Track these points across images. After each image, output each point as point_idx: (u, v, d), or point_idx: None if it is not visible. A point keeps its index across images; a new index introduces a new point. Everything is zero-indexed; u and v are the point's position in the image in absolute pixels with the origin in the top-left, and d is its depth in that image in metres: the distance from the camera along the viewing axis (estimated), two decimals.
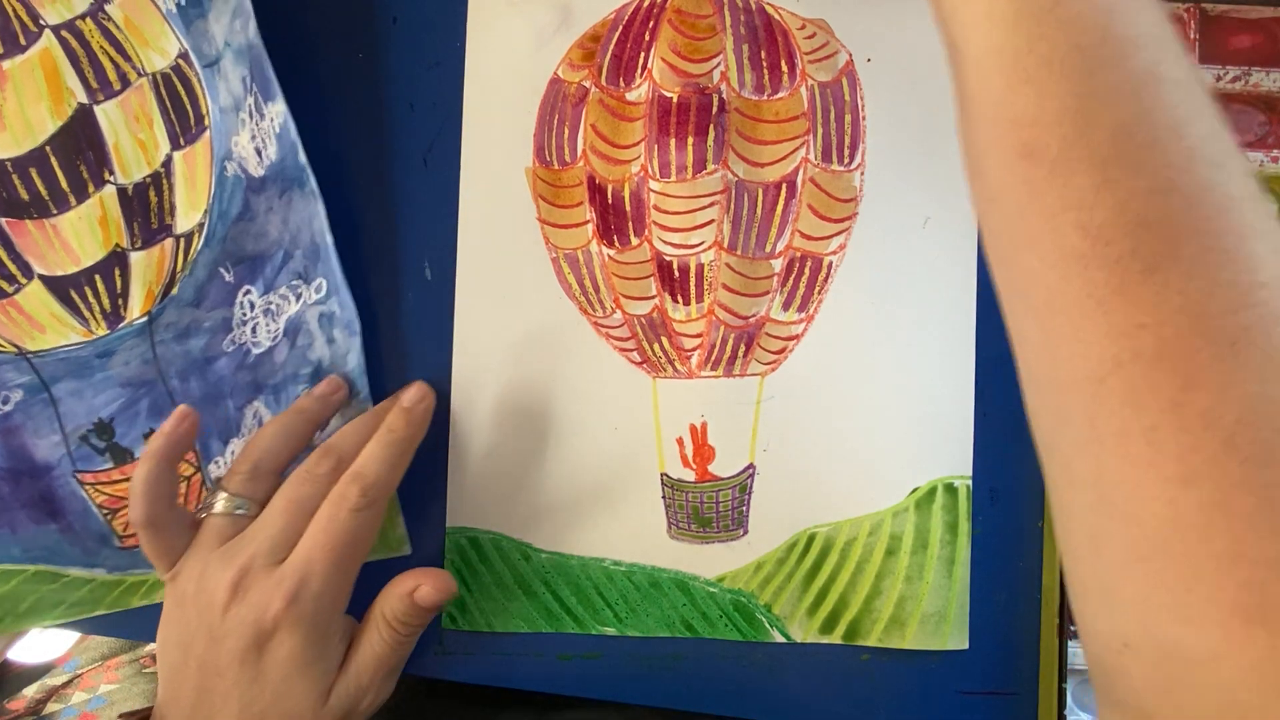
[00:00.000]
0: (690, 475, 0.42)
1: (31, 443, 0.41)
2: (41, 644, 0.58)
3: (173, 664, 0.35)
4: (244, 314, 0.40)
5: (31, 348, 0.40)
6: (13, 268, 0.39)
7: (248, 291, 0.40)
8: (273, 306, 0.40)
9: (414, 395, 0.39)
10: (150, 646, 0.57)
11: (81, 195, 0.38)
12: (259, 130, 0.38)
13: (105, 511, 0.42)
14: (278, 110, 0.38)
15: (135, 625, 0.43)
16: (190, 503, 0.42)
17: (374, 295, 0.42)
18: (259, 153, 0.38)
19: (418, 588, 0.36)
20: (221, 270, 0.40)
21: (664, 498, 0.42)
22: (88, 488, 0.41)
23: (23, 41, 0.37)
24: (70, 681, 0.56)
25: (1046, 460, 0.26)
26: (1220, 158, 0.22)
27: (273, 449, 0.37)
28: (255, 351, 0.40)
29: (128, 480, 0.41)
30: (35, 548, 0.41)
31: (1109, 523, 0.23)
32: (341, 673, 0.35)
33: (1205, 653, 0.22)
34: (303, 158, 0.38)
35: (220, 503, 0.36)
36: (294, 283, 0.40)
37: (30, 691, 0.56)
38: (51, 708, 0.55)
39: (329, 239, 0.39)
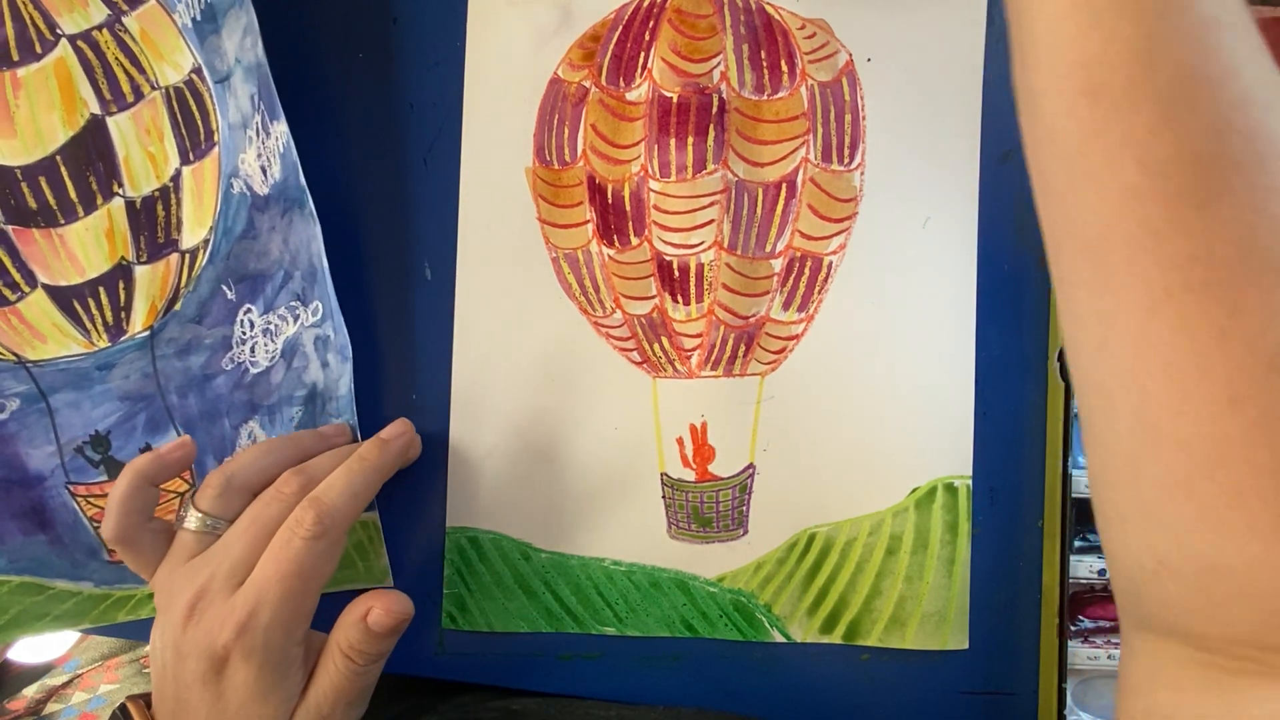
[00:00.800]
0: (690, 475, 0.42)
1: (25, 452, 0.40)
2: (41, 644, 0.58)
3: (157, 668, 0.35)
4: (244, 333, 0.40)
5: (31, 357, 0.40)
6: (17, 276, 0.39)
7: (248, 310, 0.40)
8: (271, 326, 0.40)
9: (394, 429, 0.39)
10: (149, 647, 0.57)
11: (89, 206, 0.38)
12: (265, 149, 0.38)
13: (96, 524, 0.41)
14: (281, 130, 0.38)
15: (134, 625, 0.43)
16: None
17: (374, 296, 0.42)
18: (264, 171, 0.38)
19: (369, 610, 0.34)
20: (224, 287, 0.40)
21: (664, 498, 0.42)
22: (80, 500, 0.41)
23: (38, 50, 0.37)
24: (70, 681, 0.56)
25: (1085, 393, 0.27)
26: (1272, 101, 0.24)
27: (248, 467, 0.36)
28: (253, 371, 0.40)
29: None
30: (22, 558, 0.41)
31: (1152, 449, 0.24)
32: (301, 702, 0.34)
33: (1245, 564, 0.23)
34: (302, 180, 0.38)
35: (192, 520, 0.35)
36: (292, 304, 0.39)
37: (30, 691, 0.56)
38: (51, 708, 0.55)
39: (325, 263, 0.39)
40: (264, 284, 0.40)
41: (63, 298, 0.39)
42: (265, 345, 0.40)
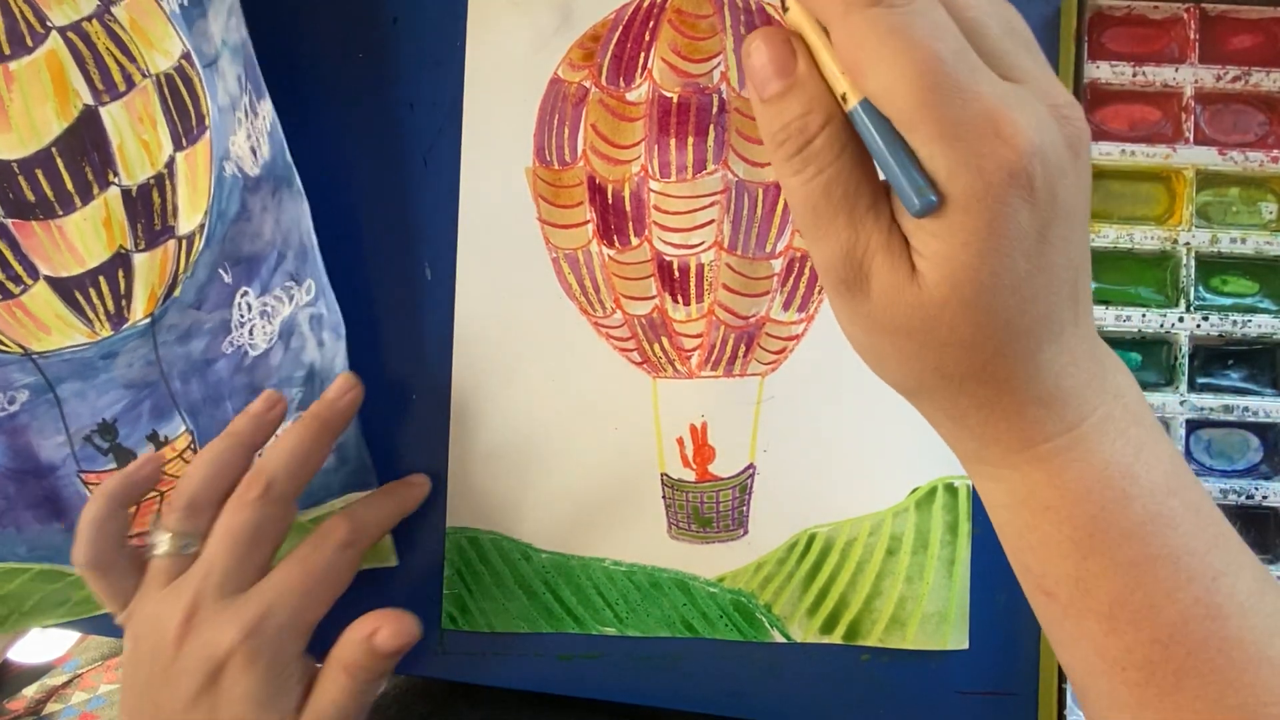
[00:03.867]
0: (690, 475, 0.42)
1: (37, 443, 0.41)
2: (41, 644, 0.58)
3: (131, 708, 0.34)
4: (242, 316, 0.40)
5: (37, 349, 0.40)
6: (19, 269, 0.39)
7: (245, 293, 0.40)
8: (268, 308, 0.40)
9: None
10: None
11: (86, 197, 0.38)
12: (254, 129, 0.39)
13: None
14: (267, 108, 0.38)
15: None
16: None
17: (374, 295, 0.42)
18: (254, 152, 0.39)
19: (376, 631, 0.34)
20: (221, 271, 0.40)
21: (664, 498, 0.42)
22: (92, 488, 0.41)
23: (29, 43, 0.37)
24: (70, 681, 0.56)
25: None
26: (1227, 601, 0.25)
27: (207, 480, 0.35)
28: (252, 354, 0.40)
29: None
30: (40, 547, 0.41)
31: None
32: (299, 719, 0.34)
33: None
34: (288, 156, 0.39)
35: (164, 543, 0.35)
36: (287, 284, 0.40)
37: (30, 691, 0.56)
38: (51, 708, 0.55)
39: (314, 239, 0.39)
40: (259, 265, 0.40)
41: (64, 288, 0.39)
42: (263, 327, 0.40)
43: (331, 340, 0.40)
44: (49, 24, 0.37)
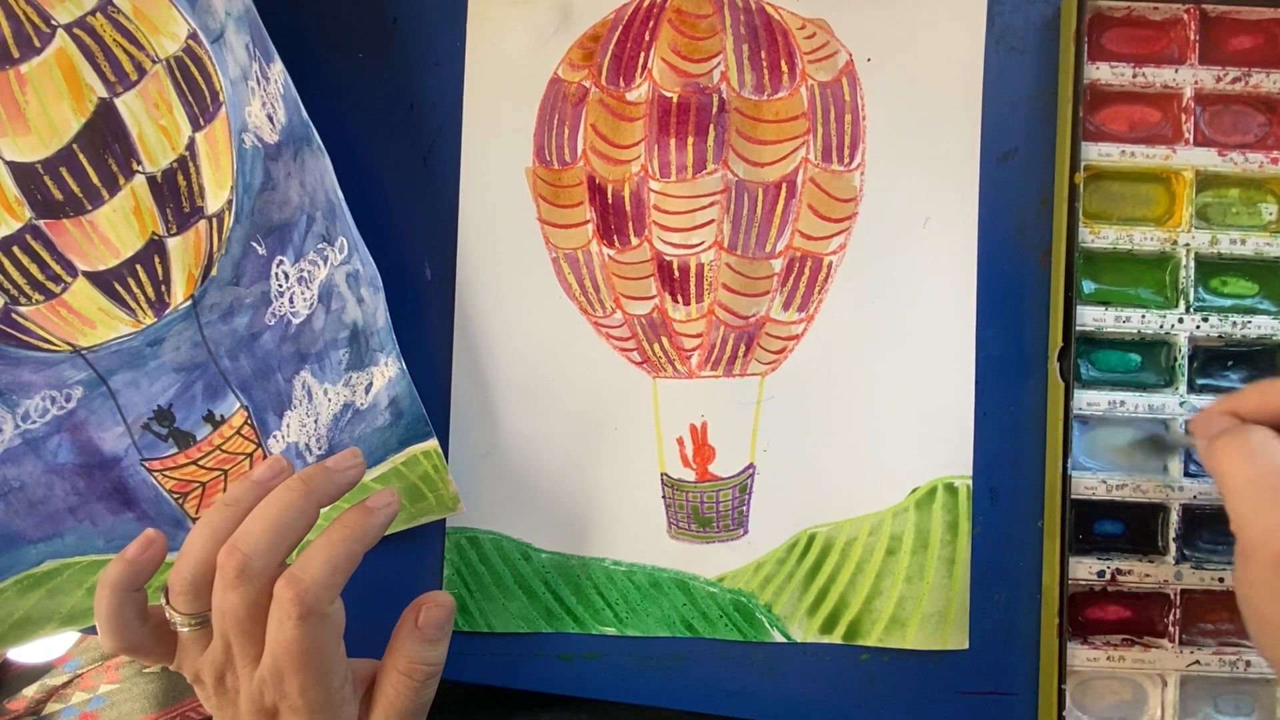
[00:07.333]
0: (690, 475, 0.42)
1: (98, 436, 0.42)
2: (42, 644, 0.58)
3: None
4: (280, 285, 0.41)
5: (85, 344, 0.41)
6: (57, 268, 0.40)
7: (280, 262, 0.41)
8: (305, 274, 0.41)
9: (382, 497, 0.35)
10: None
11: (113, 188, 0.39)
12: (267, 95, 0.39)
13: (176, 496, 0.43)
14: (278, 70, 0.39)
15: None
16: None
17: None
18: (270, 119, 0.39)
19: (418, 615, 0.35)
20: (254, 244, 0.41)
21: (664, 498, 0.42)
22: (156, 475, 0.42)
23: (37, 43, 0.38)
24: (70, 681, 0.56)
25: None
26: None
27: (201, 561, 0.33)
28: (295, 321, 0.41)
29: (194, 464, 0.42)
30: (116, 537, 0.43)
31: None
32: None
33: None
34: (304, 114, 0.39)
35: (179, 622, 0.34)
36: (320, 246, 0.40)
37: (30, 691, 0.56)
38: (51, 708, 0.55)
39: (340, 195, 0.40)
40: (290, 232, 0.40)
41: (103, 281, 0.40)
42: (302, 294, 0.41)
43: (370, 295, 0.40)
44: (54, 23, 0.38)
